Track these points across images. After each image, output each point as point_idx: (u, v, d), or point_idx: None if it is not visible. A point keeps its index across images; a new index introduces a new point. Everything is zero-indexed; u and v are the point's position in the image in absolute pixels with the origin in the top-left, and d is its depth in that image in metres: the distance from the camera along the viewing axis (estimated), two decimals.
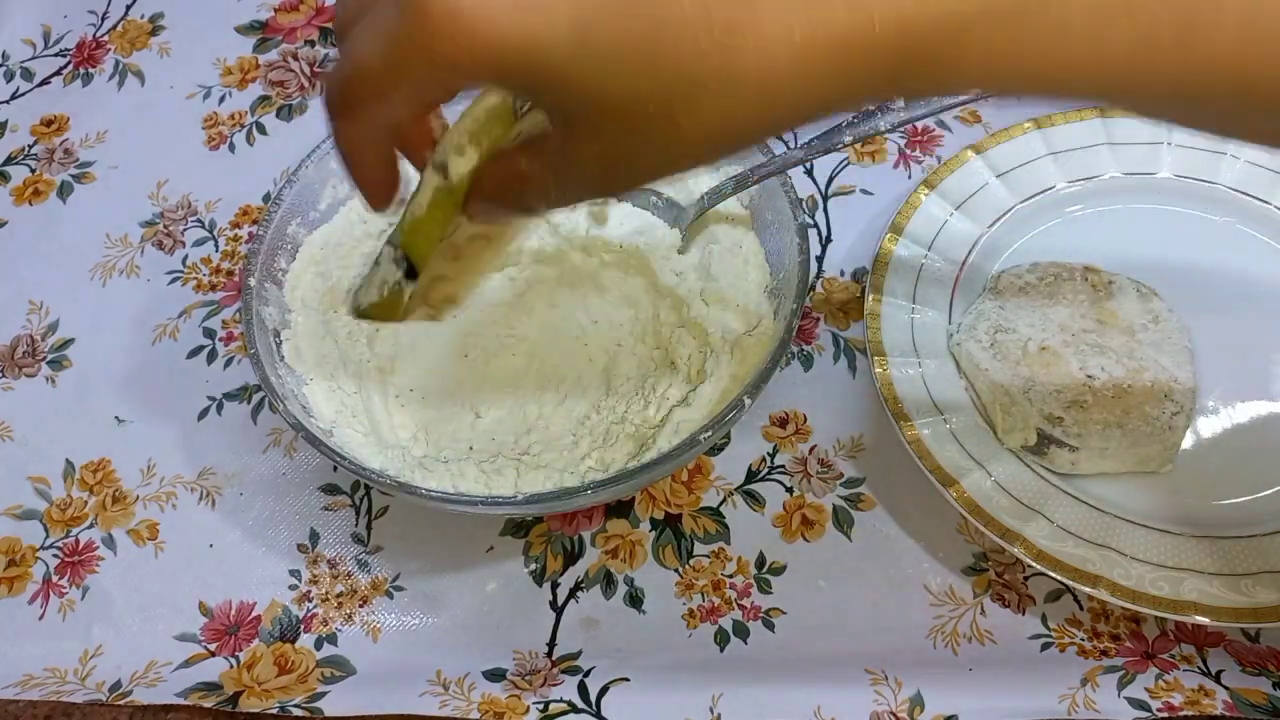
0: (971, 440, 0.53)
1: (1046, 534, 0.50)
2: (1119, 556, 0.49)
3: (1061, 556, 0.49)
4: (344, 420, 0.52)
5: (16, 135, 0.71)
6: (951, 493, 0.51)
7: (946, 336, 0.56)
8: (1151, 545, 0.50)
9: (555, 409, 0.54)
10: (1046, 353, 0.54)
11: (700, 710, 0.49)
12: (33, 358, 0.62)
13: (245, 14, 0.76)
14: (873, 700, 0.49)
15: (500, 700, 0.50)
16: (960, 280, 0.59)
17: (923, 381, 0.54)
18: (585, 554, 0.54)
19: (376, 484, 0.48)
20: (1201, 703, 0.48)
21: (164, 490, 0.57)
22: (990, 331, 0.55)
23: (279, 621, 0.53)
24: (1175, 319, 0.55)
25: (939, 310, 0.57)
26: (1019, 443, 0.53)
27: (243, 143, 0.70)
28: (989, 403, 0.54)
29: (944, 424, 0.53)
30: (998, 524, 0.50)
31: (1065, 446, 0.51)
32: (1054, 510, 0.51)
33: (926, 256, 0.59)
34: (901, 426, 0.52)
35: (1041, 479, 0.52)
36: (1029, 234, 0.60)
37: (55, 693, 0.52)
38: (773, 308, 0.53)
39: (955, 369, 0.55)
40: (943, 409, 0.53)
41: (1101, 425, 0.51)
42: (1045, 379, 0.53)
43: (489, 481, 0.49)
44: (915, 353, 0.55)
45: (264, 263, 0.54)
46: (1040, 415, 0.52)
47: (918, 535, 0.54)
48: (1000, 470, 0.52)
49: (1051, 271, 0.57)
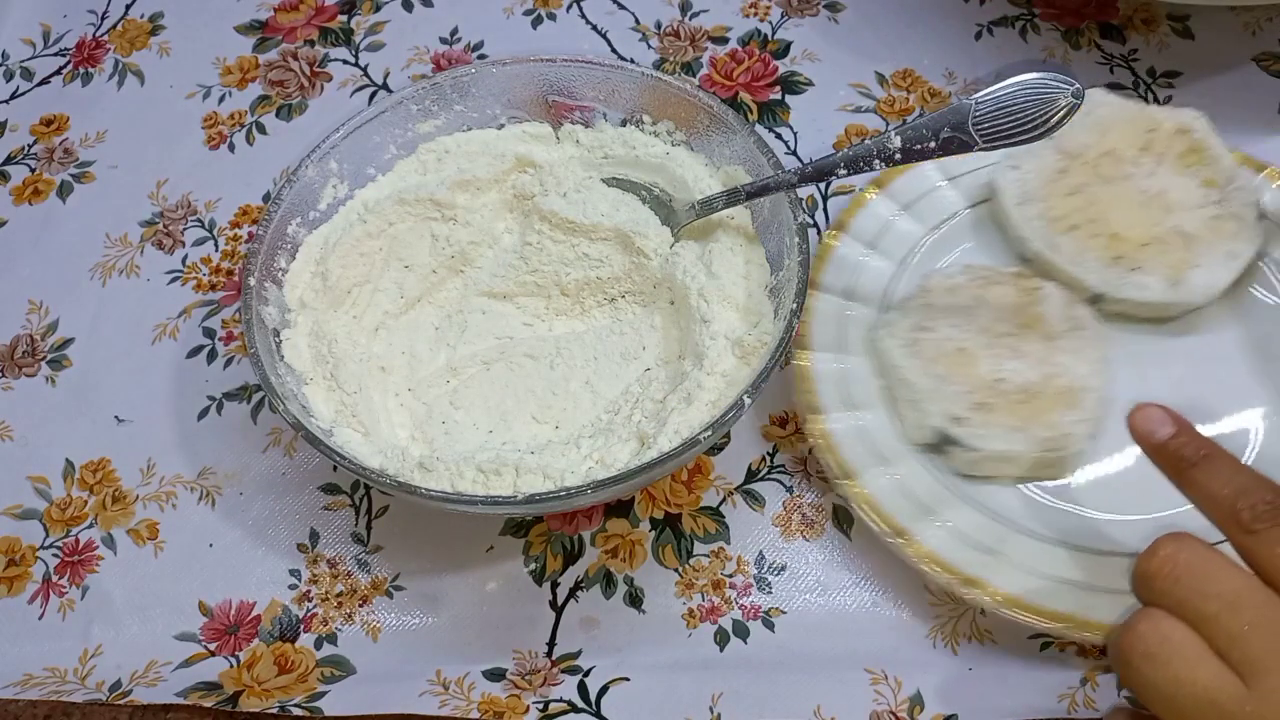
0: (879, 437, 0.53)
1: (937, 535, 0.50)
2: (1004, 563, 0.49)
3: (947, 558, 0.49)
4: (344, 420, 0.52)
5: (16, 135, 0.71)
6: (850, 488, 0.51)
7: (868, 332, 0.57)
8: (1038, 555, 0.50)
9: (556, 410, 0.54)
10: (961, 354, 0.54)
11: (700, 710, 0.49)
12: (32, 357, 0.62)
13: (245, 14, 0.76)
14: (872, 700, 0.49)
15: (500, 700, 0.50)
16: (897, 279, 0.59)
17: (843, 377, 0.55)
18: (585, 554, 0.54)
19: (376, 484, 0.48)
20: None
21: (164, 490, 0.57)
22: (910, 330, 0.55)
23: (279, 621, 0.53)
24: (1098, 328, 0.55)
25: (871, 308, 0.58)
26: (920, 440, 0.53)
27: (242, 142, 0.70)
28: (897, 399, 0.54)
29: (855, 419, 0.53)
30: (891, 521, 0.50)
31: (965, 447, 0.52)
32: (948, 512, 0.51)
33: (866, 254, 0.59)
34: (810, 420, 0.53)
35: (940, 481, 0.52)
36: (966, 244, 0.60)
37: (55, 692, 0.52)
38: (773, 307, 0.53)
39: (872, 365, 0.56)
40: (857, 405, 0.54)
41: (1003, 429, 0.52)
42: (956, 379, 0.53)
43: (488, 481, 0.49)
44: (841, 348, 0.56)
45: (264, 262, 0.54)
46: (944, 415, 0.52)
47: None
48: (902, 469, 0.52)
49: (982, 275, 0.57)
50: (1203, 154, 0.58)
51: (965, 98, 0.50)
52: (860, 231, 0.60)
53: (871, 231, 0.60)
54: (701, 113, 0.57)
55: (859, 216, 0.60)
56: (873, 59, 0.70)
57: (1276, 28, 0.70)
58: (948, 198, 0.61)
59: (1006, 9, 0.72)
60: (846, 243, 0.59)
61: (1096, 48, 0.70)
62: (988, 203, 0.61)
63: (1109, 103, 0.60)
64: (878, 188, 0.61)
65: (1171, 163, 0.58)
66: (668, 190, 0.58)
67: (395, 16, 0.75)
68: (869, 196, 0.60)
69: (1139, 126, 0.59)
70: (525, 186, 0.59)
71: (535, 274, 0.57)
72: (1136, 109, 0.60)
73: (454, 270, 0.58)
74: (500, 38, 0.73)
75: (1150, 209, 0.57)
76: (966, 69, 0.69)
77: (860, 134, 0.67)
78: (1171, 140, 0.59)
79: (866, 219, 0.60)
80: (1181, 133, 0.59)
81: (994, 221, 0.60)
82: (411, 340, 0.57)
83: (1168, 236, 0.56)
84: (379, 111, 0.58)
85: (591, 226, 0.56)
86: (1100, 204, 0.57)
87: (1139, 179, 0.58)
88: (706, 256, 0.55)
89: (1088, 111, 0.59)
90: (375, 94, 0.71)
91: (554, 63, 0.59)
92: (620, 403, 0.53)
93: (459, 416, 0.54)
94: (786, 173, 0.53)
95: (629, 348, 0.55)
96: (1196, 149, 0.58)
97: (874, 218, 0.60)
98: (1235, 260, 0.56)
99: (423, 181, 0.59)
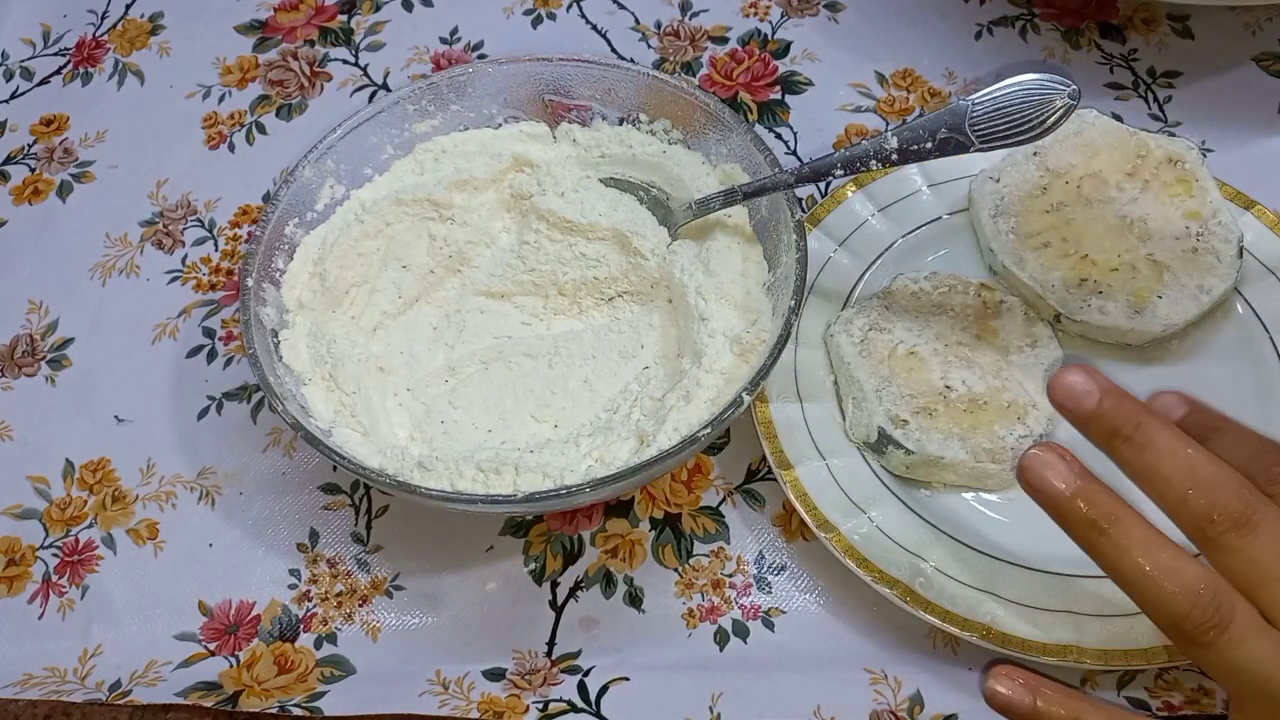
0: (822, 430, 0.54)
1: (863, 532, 0.50)
2: (926, 566, 0.50)
3: (869, 555, 0.50)
4: (343, 420, 0.52)
5: (16, 135, 0.71)
6: (785, 477, 0.52)
7: (826, 327, 0.57)
8: (962, 562, 0.50)
9: (555, 409, 0.54)
10: (912, 357, 0.54)
11: (700, 710, 0.49)
12: (32, 357, 0.62)
13: (245, 13, 0.76)
14: (872, 700, 0.49)
15: (500, 700, 0.50)
16: (864, 279, 0.59)
17: (795, 368, 0.55)
18: (585, 553, 0.54)
19: (376, 483, 0.48)
20: (1201, 702, 0.48)
21: (163, 490, 0.57)
22: (865, 328, 0.55)
23: (279, 621, 0.53)
24: (1055, 347, 0.55)
25: (833, 304, 0.58)
26: (861, 438, 0.53)
27: (242, 142, 0.70)
28: (843, 395, 0.55)
29: (799, 410, 0.54)
30: (818, 514, 0.51)
31: (902, 449, 0.52)
32: (878, 511, 0.51)
33: (835, 251, 0.59)
34: (757, 408, 0.53)
35: (878, 479, 0.53)
36: (939, 251, 0.60)
37: (55, 692, 0.52)
38: (770, 304, 0.53)
39: (826, 359, 0.56)
40: (804, 396, 0.54)
41: (943, 435, 0.52)
42: (903, 381, 0.53)
43: (488, 480, 0.49)
44: (796, 340, 0.56)
45: (261, 263, 0.54)
46: (885, 415, 0.52)
47: None
48: (839, 463, 0.53)
49: (948, 283, 0.57)
50: (1190, 185, 0.58)
51: (963, 98, 0.50)
52: (832, 227, 0.60)
53: (844, 229, 0.60)
54: (698, 111, 0.57)
55: (834, 213, 0.60)
56: (873, 59, 0.70)
57: (1276, 28, 0.69)
58: (927, 203, 0.61)
59: (1006, 9, 0.72)
60: (817, 237, 0.59)
61: (1096, 48, 0.70)
62: (965, 212, 0.61)
63: (1101, 124, 0.60)
64: (857, 185, 0.61)
65: (1156, 191, 0.58)
66: (665, 190, 0.58)
67: (395, 16, 0.75)
68: (847, 193, 0.61)
69: (1129, 151, 0.59)
70: (522, 186, 0.59)
71: (533, 273, 0.57)
72: (1128, 133, 0.60)
73: (452, 270, 0.58)
74: (500, 38, 0.73)
75: (1126, 235, 0.57)
76: (966, 69, 0.69)
77: (860, 134, 0.67)
78: (1160, 168, 0.58)
79: (841, 216, 0.60)
80: (1172, 162, 0.58)
81: (969, 231, 0.60)
82: (410, 340, 0.57)
83: (1139, 264, 0.56)
84: (376, 112, 0.58)
85: (589, 226, 0.56)
86: (1076, 224, 0.57)
87: (1120, 204, 0.58)
88: (704, 254, 0.55)
89: (1078, 131, 0.59)
90: (375, 94, 0.71)
91: (550, 62, 0.59)
92: (619, 401, 0.53)
93: (458, 416, 0.54)
94: (784, 173, 0.53)
95: (627, 346, 0.55)
96: (1184, 180, 0.58)
97: (849, 215, 0.60)
98: (1205, 295, 0.55)
99: (420, 181, 0.59)
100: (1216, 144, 0.64)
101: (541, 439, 0.53)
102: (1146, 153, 0.59)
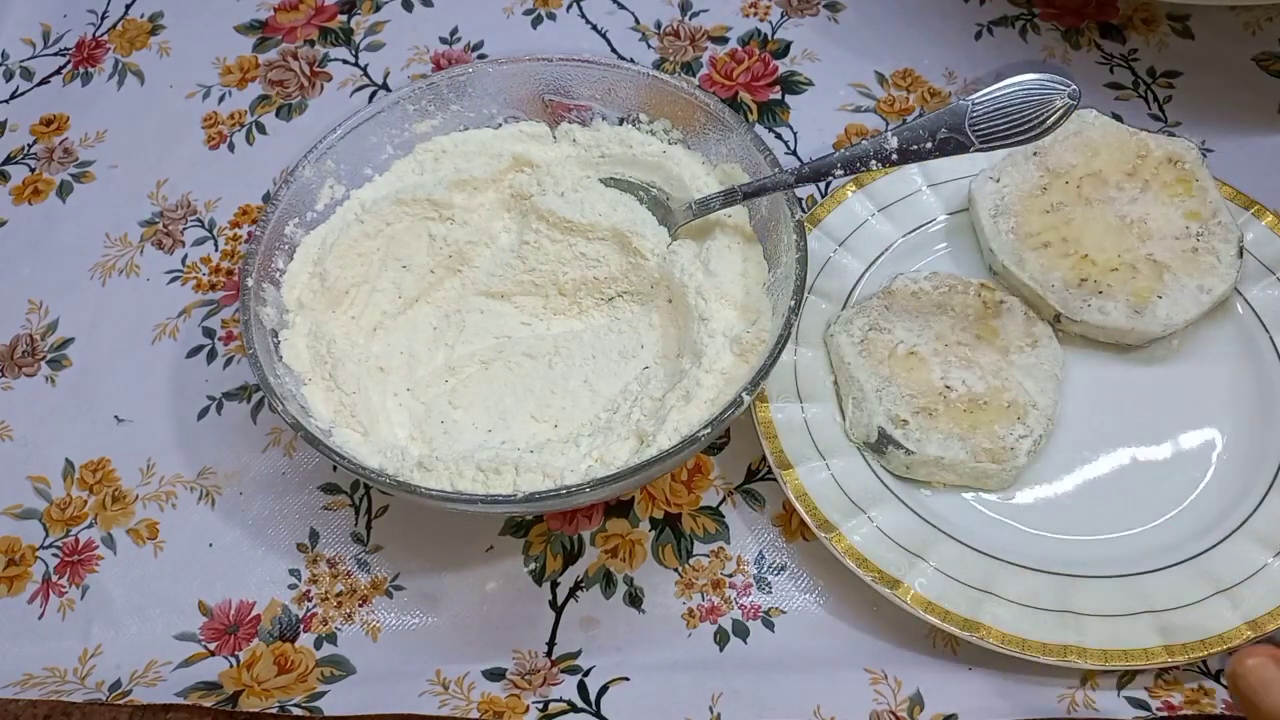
0: (822, 430, 0.54)
1: (863, 532, 0.51)
2: (926, 566, 0.50)
3: (869, 555, 0.50)
4: (343, 420, 0.52)
5: (16, 135, 0.71)
6: (785, 477, 0.52)
7: (826, 327, 0.57)
8: (962, 563, 0.50)
9: (554, 409, 0.54)
10: (913, 357, 0.54)
11: (700, 710, 0.49)
12: (32, 357, 0.62)
13: (245, 13, 0.76)
14: (872, 699, 0.49)
15: (500, 699, 0.50)
16: (864, 279, 0.59)
17: (795, 368, 0.55)
18: (585, 553, 0.54)
19: (375, 483, 0.48)
20: (1201, 702, 0.48)
21: (163, 490, 0.57)
22: (865, 328, 0.55)
23: (279, 621, 0.53)
24: (1054, 347, 0.55)
25: (834, 304, 0.58)
26: (861, 438, 0.53)
27: (242, 142, 0.70)
28: (844, 395, 0.55)
29: (800, 410, 0.54)
30: (818, 514, 0.51)
31: (902, 449, 0.52)
32: (878, 511, 0.51)
33: (835, 251, 0.59)
34: (757, 408, 0.53)
35: (878, 479, 0.53)
36: (939, 251, 0.60)
37: (55, 692, 0.52)
38: (770, 304, 0.53)
39: (826, 359, 0.56)
40: (804, 396, 0.54)
41: (943, 435, 0.52)
42: (903, 381, 0.53)
43: (488, 480, 0.49)
44: (797, 340, 0.56)
45: (261, 263, 0.54)
46: (885, 415, 0.52)
47: None
48: (839, 463, 0.53)
49: (948, 283, 0.57)
50: (1190, 186, 0.58)
51: (963, 98, 0.50)
52: (832, 227, 0.60)
53: (845, 229, 0.60)
54: (698, 111, 0.57)
55: (835, 213, 0.60)
56: (873, 59, 0.70)
57: (1276, 28, 0.69)
58: (927, 203, 0.61)
59: (1006, 9, 0.72)
60: (817, 237, 0.59)
61: (1096, 48, 0.70)
62: (965, 212, 0.61)
63: (1101, 124, 0.60)
64: (857, 185, 0.61)
65: (1156, 191, 0.58)
66: (665, 190, 0.58)
67: (395, 16, 0.75)
68: (847, 193, 0.61)
69: (1129, 151, 0.59)
70: (522, 186, 0.59)
71: (533, 273, 0.57)
72: (1129, 133, 0.60)
73: (452, 270, 0.58)
74: (500, 37, 0.73)
75: (1126, 235, 0.57)
76: (966, 69, 0.69)
77: (860, 134, 0.67)
78: (1160, 169, 0.58)
79: (841, 216, 0.60)
80: (1172, 162, 0.58)
81: (969, 231, 0.60)
82: (410, 340, 0.57)
83: (1139, 264, 0.56)
84: (375, 112, 0.58)
85: (589, 226, 0.56)
86: (1075, 224, 0.57)
87: (1120, 204, 0.58)
88: (704, 254, 0.55)
89: (1078, 131, 0.59)
90: (375, 94, 0.71)
91: (550, 62, 0.59)
92: (619, 401, 0.53)
93: (458, 416, 0.54)
94: (783, 173, 0.53)
95: (627, 346, 0.55)
96: (1185, 180, 0.58)
97: (849, 215, 0.60)
98: (1205, 295, 0.55)
99: (420, 181, 0.59)
100: (1216, 144, 0.64)
101: (541, 439, 0.53)
102: (1146, 153, 0.59)
